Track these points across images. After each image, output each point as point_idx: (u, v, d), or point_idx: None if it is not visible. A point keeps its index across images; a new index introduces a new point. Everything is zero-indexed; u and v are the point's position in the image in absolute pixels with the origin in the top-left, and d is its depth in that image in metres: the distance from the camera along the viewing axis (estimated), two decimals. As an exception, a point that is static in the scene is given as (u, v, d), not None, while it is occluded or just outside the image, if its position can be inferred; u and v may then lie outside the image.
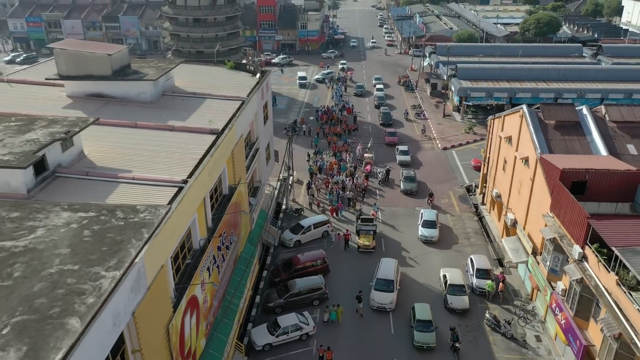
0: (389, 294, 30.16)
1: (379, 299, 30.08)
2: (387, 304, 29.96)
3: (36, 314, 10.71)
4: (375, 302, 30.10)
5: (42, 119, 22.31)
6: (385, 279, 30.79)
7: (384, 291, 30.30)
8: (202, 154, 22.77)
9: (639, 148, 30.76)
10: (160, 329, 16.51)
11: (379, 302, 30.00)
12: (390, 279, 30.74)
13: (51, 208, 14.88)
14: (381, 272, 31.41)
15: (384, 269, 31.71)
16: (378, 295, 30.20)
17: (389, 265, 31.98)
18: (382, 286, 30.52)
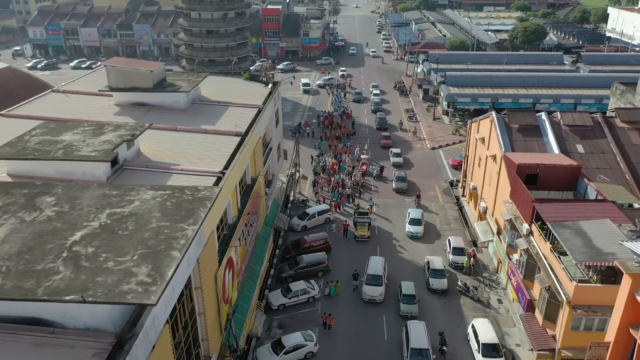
0: (378, 288, 34.77)
1: (369, 292, 34.63)
2: (376, 296, 34.51)
3: (151, 249, 17.13)
4: (366, 295, 34.62)
5: (109, 125, 28.80)
6: (374, 274, 35.38)
7: (374, 285, 34.89)
8: (233, 151, 29.27)
9: (586, 147, 37.26)
10: (211, 276, 23.01)
11: (370, 294, 34.54)
12: (378, 274, 35.38)
13: (139, 188, 21.35)
14: (370, 268, 35.95)
15: (373, 265, 36.21)
16: (369, 289, 34.74)
17: (377, 263, 36.56)
18: (372, 281, 35.04)
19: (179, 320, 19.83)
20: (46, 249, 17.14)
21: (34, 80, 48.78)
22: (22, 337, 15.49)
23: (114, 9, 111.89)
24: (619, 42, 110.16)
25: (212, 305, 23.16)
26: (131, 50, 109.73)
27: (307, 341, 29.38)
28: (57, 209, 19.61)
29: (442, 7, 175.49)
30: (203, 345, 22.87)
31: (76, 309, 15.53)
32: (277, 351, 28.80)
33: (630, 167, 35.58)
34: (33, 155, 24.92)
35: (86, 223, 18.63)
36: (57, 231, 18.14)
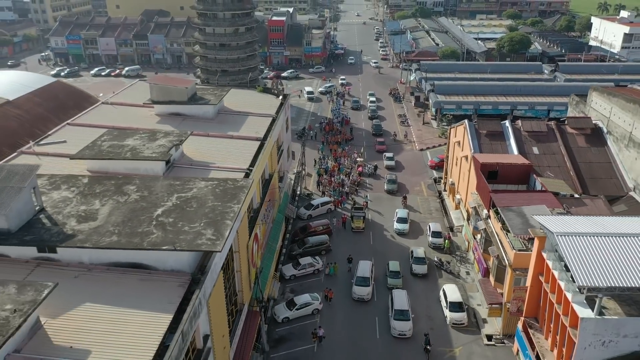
0: (366, 288, 39.67)
1: (358, 292, 39.53)
2: (364, 296, 39.44)
3: (211, 219, 25.33)
4: (355, 295, 39.41)
5: (160, 132, 37.07)
6: (363, 276, 40.40)
7: (362, 286, 39.81)
8: (255, 152, 37.51)
9: (540, 149, 45.51)
10: (244, 245, 31.25)
11: (359, 294, 39.42)
12: (367, 277, 40.33)
13: (194, 180, 29.60)
14: (359, 271, 40.80)
15: (361, 268, 41.23)
16: (358, 289, 39.62)
17: (365, 266, 41.63)
18: (361, 282, 40.06)
19: (227, 272, 28.14)
20: (140, 219, 25.38)
21: (79, 91, 57.10)
22: (131, 276, 23.71)
23: (129, 20, 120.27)
24: (600, 50, 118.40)
25: (245, 266, 31.41)
26: (146, 58, 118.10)
27: (313, 300, 37.72)
28: (139, 194, 27.87)
29: (438, 14, 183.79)
30: (239, 295, 31.17)
31: (166, 256, 23.77)
32: (290, 308, 37.15)
33: (575, 166, 43.84)
34: (109, 156, 33.15)
35: (163, 203, 26.88)
36: (144, 208, 26.40)
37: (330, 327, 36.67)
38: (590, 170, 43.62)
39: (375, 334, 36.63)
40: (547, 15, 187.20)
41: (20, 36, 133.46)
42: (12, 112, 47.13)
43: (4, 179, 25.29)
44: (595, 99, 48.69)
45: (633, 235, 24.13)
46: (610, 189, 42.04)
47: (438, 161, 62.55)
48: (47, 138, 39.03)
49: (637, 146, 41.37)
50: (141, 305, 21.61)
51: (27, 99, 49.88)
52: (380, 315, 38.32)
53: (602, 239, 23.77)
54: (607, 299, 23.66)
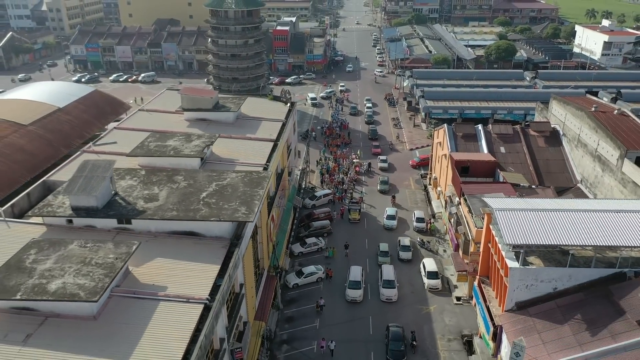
0: (358, 291, 44.44)
1: (351, 294, 44.14)
2: (357, 297, 44.09)
3: (243, 200, 34.16)
4: (349, 297, 43.96)
5: (194, 135, 45.94)
6: (355, 280, 45.17)
7: (355, 289, 44.51)
8: (270, 151, 46.36)
9: (506, 149, 54.40)
10: (265, 222, 40.14)
11: (352, 296, 44.05)
12: (358, 281, 45.22)
13: (227, 172, 38.49)
14: (352, 276, 45.73)
15: (353, 273, 46.05)
16: (351, 292, 44.21)
17: (357, 271, 46.49)
18: (353, 286, 44.75)
19: (254, 241, 37.04)
20: (190, 200, 34.23)
21: (113, 98, 66.03)
22: (186, 240, 32.56)
23: (144, 29, 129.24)
24: (581, 57, 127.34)
25: (265, 239, 40.30)
26: (159, 64, 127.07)
27: (317, 270, 46.68)
28: (186, 182, 36.74)
29: (433, 21, 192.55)
30: (261, 261, 40.10)
31: (212, 226, 32.59)
32: (299, 276, 46.12)
33: (534, 162, 52.75)
34: (156, 153, 41.97)
35: (205, 188, 35.74)
36: (192, 192, 35.26)
37: (330, 299, 45.19)
38: (546, 166, 52.56)
39: (367, 295, 45.58)
40: (538, 21, 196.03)
41: (40, 43, 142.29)
42: (64, 117, 56.05)
43: (91, 170, 34.20)
44: (555, 107, 57.64)
45: (553, 210, 33.01)
46: (562, 181, 50.96)
47: (419, 161, 71.58)
48: (101, 140, 47.94)
49: (583, 146, 50.30)
50: (197, 260, 30.46)
51: (74, 107, 58.76)
52: (373, 285, 47.27)
53: (529, 213, 32.63)
54: (534, 257, 32.49)
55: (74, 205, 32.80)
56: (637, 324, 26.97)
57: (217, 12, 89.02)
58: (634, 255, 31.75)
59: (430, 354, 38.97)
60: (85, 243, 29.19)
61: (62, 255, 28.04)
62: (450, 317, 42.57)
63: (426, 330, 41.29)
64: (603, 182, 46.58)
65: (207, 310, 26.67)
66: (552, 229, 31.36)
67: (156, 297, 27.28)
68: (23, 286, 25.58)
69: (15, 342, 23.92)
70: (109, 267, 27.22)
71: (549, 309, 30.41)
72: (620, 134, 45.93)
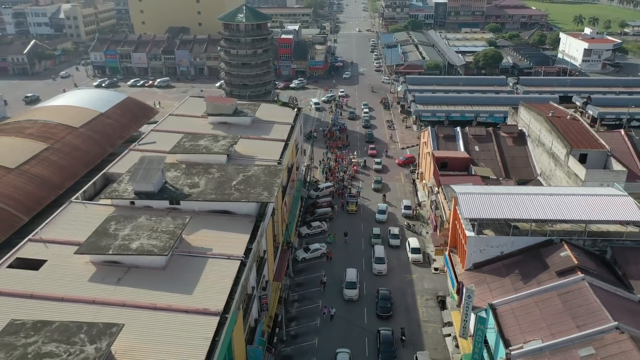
0: (354, 290, 50.74)
1: (348, 294, 50.32)
2: (353, 296, 50.32)
3: (265, 187, 44.12)
4: (346, 296, 50.15)
5: (220, 136, 56.01)
6: (351, 281, 51.42)
7: (351, 289, 50.82)
8: (282, 149, 56.40)
9: (480, 148, 64.46)
10: (280, 206, 50.23)
11: (349, 295, 50.21)
12: (354, 281, 51.49)
13: (250, 165, 48.58)
14: (348, 277, 51.97)
15: (349, 275, 52.17)
16: (348, 292, 50.40)
17: (352, 273, 52.62)
18: (350, 286, 50.96)
19: (272, 219, 47.15)
20: (224, 187, 44.29)
21: (144, 104, 76.17)
22: (222, 217, 42.64)
23: (158, 37, 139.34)
24: (564, 63, 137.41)
25: (280, 219, 50.36)
26: (172, 70, 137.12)
27: (321, 247, 56.82)
28: (219, 173, 46.80)
29: (429, 26, 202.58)
30: (277, 236, 50.22)
31: (242, 206, 42.66)
32: (306, 252, 56.29)
33: (502, 159, 62.82)
34: (192, 151, 51.98)
35: (234, 178, 45.78)
36: (225, 181, 45.31)
37: (330, 277, 55.06)
38: (513, 162, 62.66)
39: (361, 263, 55.73)
40: (528, 27, 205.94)
41: (60, 50, 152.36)
42: (106, 121, 66.21)
43: (147, 163, 44.25)
44: (522, 111, 67.78)
45: (503, 194, 43.09)
46: (525, 174, 61.01)
47: (404, 160, 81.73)
48: (143, 140, 57.99)
49: (542, 145, 60.44)
50: (232, 231, 40.48)
51: (112, 111, 68.92)
52: (367, 262, 57.44)
53: (484, 195, 42.67)
54: (489, 230, 42.49)
55: (136, 190, 42.84)
56: (556, 274, 37.03)
57: (229, 25, 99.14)
58: (560, 227, 41.83)
59: (411, 310, 49.15)
60: (150, 217, 39.31)
61: (135, 225, 38.12)
62: (428, 283, 52.74)
63: (409, 293, 51.48)
64: (555, 175, 56.69)
65: (243, 265, 36.67)
66: (501, 207, 41.46)
67: (205, 256, 37.34)
68: (112, 245, 35.67)
69: (111, 282, 33.99)
70: (170, 233, 37.30)
71: (496, 267, 40.48)
72: (569, 135, 56.07)
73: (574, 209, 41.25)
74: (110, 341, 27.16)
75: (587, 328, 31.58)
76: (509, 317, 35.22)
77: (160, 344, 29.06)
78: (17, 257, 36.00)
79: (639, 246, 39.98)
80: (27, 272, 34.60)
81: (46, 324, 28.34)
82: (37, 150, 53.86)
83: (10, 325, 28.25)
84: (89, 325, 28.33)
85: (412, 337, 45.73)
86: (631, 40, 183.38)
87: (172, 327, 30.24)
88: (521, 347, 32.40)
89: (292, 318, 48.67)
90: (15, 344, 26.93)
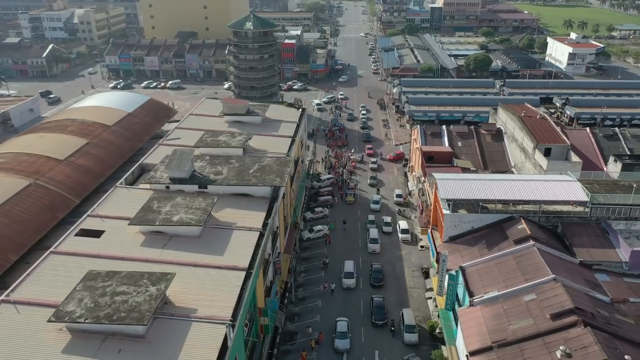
0: (352, 280, 57.32)
1: (347, 282, 56.96)
2: (351, 285, 56.82)
3: (277, 174, 53.06)
4: (345, 285, 56.84)
5: (238, 133, 65.03)
6: (349, 272, 58.02)
7: (349, 278, 57.46)
8: (290, 144, 65.35)
9: (462, 143, 73.47)
10: (288, 191, 59.23)
11: (347, 284, 56.77)
12: (351, 272, 58.06)
13: (264, 157, 57.57)
14: (346, 268, 58.56)
15: (347, 266, 58.77)
16: (346, 281, 57.12)
17: (350, 264, 59.31)
18: (348, 276, 57.60)
19: (283, 201, 56.12)
20: (243, 174, 53.23)
21: (165, 105, 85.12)
22: (242, 198, 51.48)
23: (169, 42, 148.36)
24: (550, 66, 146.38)
25: (289, 202, 59.34)
26: (182, 73, 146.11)
27: (323, 228, 65.89)
28: (238, 164, 55.78)
29: (425, 30, 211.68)
30: (286, 217, 59.21)
31: (259, 189, 51.59)
32: (310, 232, 65.35)
33: (482, 153, 71.79)
34: (213, 145, 60.87)
35: (252, 167, 54.74)
36: (244, 169, 54.27)
37: (331, 257, 64.02)
38: (491, 156, 71.67)
39: (358, 245, 64.78)
40: (521, 30, 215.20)
41: (75, 53, 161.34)
42: (134, 120, 75.11)
43: (180, 154, 53.19)
44: (500, 112, 76.82)
45: (475, 180, 52.09)
46: (501, 167, 69.97)
47: (394, 156, 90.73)
48: (169, 136, 66.93)
49: (515, 141, 69.46)
50: (251, 209, 49.35)
51: (138, 111, 77.81)
52: (363, 244, 66.47)
53: (459, 181, 51.67)
54: (463, 210, 51.39)
55: (171, 176, 51.78)
56: (513, 242, 45.99)
57: (237, 33, 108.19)
58: (522, 208, 50.84)
59: (400, 279, 58.19)
60: (185, 197, 48.31)
61: (173, 204, 47.10)
62: (414, 258, 61.80)
63: (398, 266, 60.53)
64: (525, 166, 65.72)
65: (261, 236, 45.62)
66: (472, 190, 50.50)
67: (231, 228, 46.28)
68: (157, 218, 44.64)
69: (158, 247, 42.91)
70: (203, 209, 46.24)
71: (467, 239, 49.42)
72: (537, 132, 65.10)
73: (532, 192, 50.33)
74: (167, 284, 36.09)
75: (531, 280, 40.65)
76: (474, 275, 44.28)
77: (201, 290, 37.99)
78: (81, 229, 44.96)
79: (583, 222, 49.04)
80: (91, 239, 43.59)
81: (116, 273, 37.34)
82: (80, 145, 62.73)
83: (89, 274, 37.21)
84: (149, 274, 37.32)
85: (400, 300, 54.76)
86: (617, 43, 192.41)
87: (209, 279, 39.19)
88: (482, 296, 41.46)
89: (299, 285, 57.72)
90: (96, 286, 35.90)
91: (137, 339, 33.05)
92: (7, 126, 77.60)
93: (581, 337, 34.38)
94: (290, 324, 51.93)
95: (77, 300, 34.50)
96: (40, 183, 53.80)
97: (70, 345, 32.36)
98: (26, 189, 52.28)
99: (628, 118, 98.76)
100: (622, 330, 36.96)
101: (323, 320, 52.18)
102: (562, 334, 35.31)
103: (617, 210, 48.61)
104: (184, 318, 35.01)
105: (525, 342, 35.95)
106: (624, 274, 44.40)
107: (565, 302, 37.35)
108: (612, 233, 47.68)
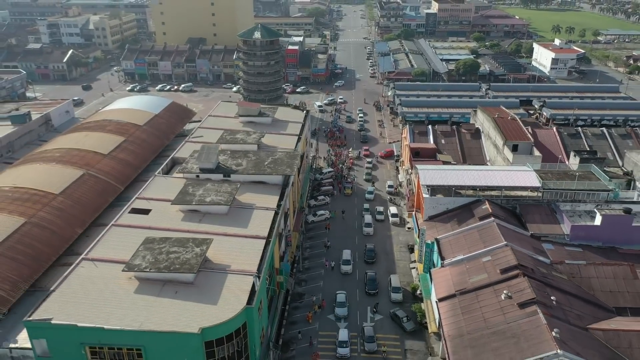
0: (349, 266, 65.73)
1: (344, 269, 65.13)
2: (348, 271, 65.03)
3: (287, 165, 64.45)
4: (343, 271, 64.91)
5: (253, 131, 76.31)
6: (346, 259, 66.57)
7: (347, 265, 65.92)
8: (296, 141, 76.67)
9: (445, 141, 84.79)
10: (297, 180, 70.56)
11: (345, 270, 64.94)
12: (349, 259, 66.60)
13: (276, 151, 68.88)
14: (344, 256, 66.96)
15: (345, 254, 67.23)
16: (344, 267, 65.36)
17: (347, 253, 67.59)
18: (346, 263, 66.05)
19: (292, 188, 67.46)
20: (259, 165, 64.52)
21: (185, 107, 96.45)
22: (260, 185, 62.80)
23: (180, 48, 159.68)
24: (535, 71, 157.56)
25: (297, 189, 70.61)
26: (193, 76, 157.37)
27: (325, 212, 77.33)
28: (255, 157, 67.05)
29: (420, 35, 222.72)
30: (295, 201, 70.54)
31: (273, 177, 62.87)
32: (314, 216, 76.77)
33: (462, 149, 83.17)
34: (232, 142, 72.09)
35: (266, 160, 66.01)
36: (260, 162, 65.56)
37: (332, 240, 75.29)
38: (469, 152, 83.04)
39: (355, 228, 76.20)
40: (512, 35, 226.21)
41: (92, 58, 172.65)
42: (160, 120, 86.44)
43: (207, 150, 64.42)
44: (479, 113, 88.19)
45: (451, 170, 63.41)
46: (478, 161, 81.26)
47: (385, 153, 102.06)
48: (193, 135, 78.21)
49: (490, 139, 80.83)
50: (267, 194, 60.68)
51: (163, 113, 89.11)
52: (358, 228, 77.89)
53: (437, 170, 62.99)
54: (441, 194, 62.63)
55: (200, 167, 63.06)
56: (478, 219, 57.32)
57: (247, 41, 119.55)
58: (488, 193, 62.17)
59: (389, 254, 69.59)
60: (213, 184, 59.66)
61: (205, 189, 58.43)
62: (402, 237, 73.22)
63: (388, 244, 71.94)
64: (497, 160, 77.09)
65: (276, 214, 56.89)
66: (448, 178, 61.88)
67: (252, 208, 57.62)
68: (194, 199, 55.98)
69: (195, 222, 54.24)
70: (229, 193, 57.60)
71: (443, 218, 60.71)
72: (507, 130, 76.45)
73: (496, 180, 61.77)
74: (207, 246, 47.40)
75: (489, 246, 52.05)
76: (446, 245, 55.69)
77: (232, 252, 49.27)
78: (133, 208, 56.28)
79: (536, 203, 60.43)
80: (142, 215, 54.93)
81: (168, 239, 48.71)
82: (119, 142, 74.04)
83: (147, 239, 48.53)
84: (192, 239, 48.70)
85: (389, 270, 66.14)
86: (601, 48, 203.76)
87: (238, 244, 50.54)
88: (451, 260, 52.87)
89: (305, 257, 69.13)
90: (153, 247, 47.24)
91: (187, 285, 44.36)
92: (48, 126, 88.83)
93: (520, 284, 45.81)
94: (299, 287, 63.28)
95: (141, 257, 45.85)
96: (92, 173, 65.15)
97: (139, 288, 43.70)
98: (81, 178, 63.63)
99: (598, 119, 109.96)
100: (555, 281, 48.42)
101: (325, 286, 63.45)
102: (507, 283, 46.72)
103: (564, 194, 60.01)
104: (221, 271, 46.36)
105: (480, 290, 47.38)
106: (565, 243, 55.76)
107: (512, 260, 48.76)
108: (559, 212, 59.06)
